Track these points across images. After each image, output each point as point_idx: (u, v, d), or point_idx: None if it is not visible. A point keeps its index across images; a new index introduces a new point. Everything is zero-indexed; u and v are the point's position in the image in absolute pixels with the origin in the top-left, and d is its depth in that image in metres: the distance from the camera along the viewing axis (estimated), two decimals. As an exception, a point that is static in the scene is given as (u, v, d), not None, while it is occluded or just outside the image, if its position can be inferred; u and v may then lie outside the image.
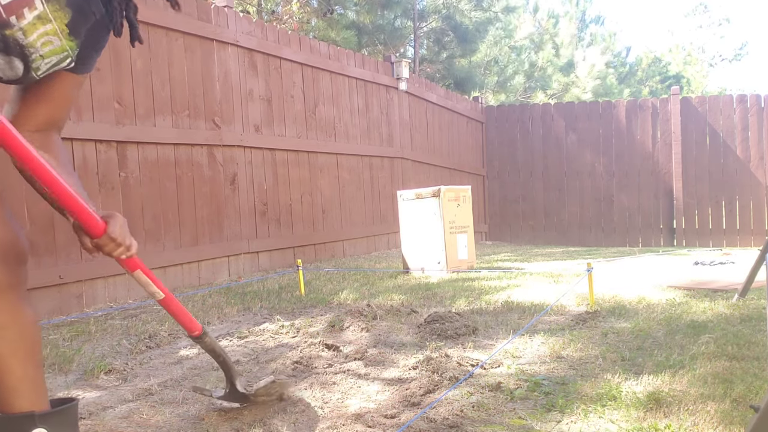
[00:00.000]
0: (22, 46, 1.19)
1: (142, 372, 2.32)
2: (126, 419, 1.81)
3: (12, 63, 1.21)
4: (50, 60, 1.25)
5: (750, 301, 3.20)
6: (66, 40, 1.24)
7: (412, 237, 4.97)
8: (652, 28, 63.05)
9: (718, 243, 8.77)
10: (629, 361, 2.23)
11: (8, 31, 1.16)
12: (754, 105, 8.72)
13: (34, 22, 1.18)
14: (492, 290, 3.82)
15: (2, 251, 1.21)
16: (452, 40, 11.42)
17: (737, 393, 1.82)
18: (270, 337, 2.78)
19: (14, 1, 1.14)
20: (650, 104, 9.21)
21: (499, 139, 9.81)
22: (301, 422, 1.76)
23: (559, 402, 1.82)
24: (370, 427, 1.69)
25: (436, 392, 1.95)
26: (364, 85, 6.65)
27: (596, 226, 9.37)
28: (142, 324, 3.05)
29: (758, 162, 8.69)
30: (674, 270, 4.81)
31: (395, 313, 3.14)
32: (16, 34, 1.18)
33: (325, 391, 1.99)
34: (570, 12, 19.79)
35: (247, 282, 4.39)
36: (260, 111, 5.08)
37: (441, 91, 8.80)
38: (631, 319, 2.89)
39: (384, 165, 7.01)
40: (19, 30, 1.17)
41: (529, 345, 2.51)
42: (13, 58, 1.20)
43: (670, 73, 23.79)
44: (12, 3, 1.14)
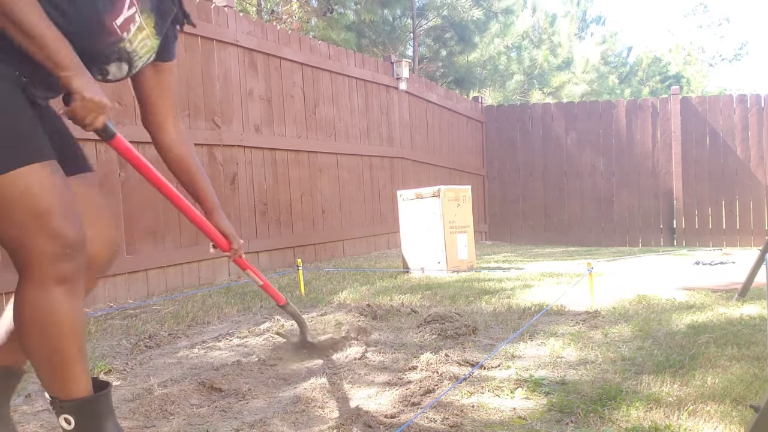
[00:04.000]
0: (129, 53, 1.44)
1: (142, 372, 2.32)
2: (126, 419, 1.81)
3: (121, 67, 1.45)
4: (144, 58, 1.49)
5: (750, 301, 3.20)
6: (154, 39, 1.49)
7: (412, 237, 4.97)
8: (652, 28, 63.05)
9: (718, 243, 8.77)
10: (629, 361, 2.23)
11: (121, 44, 1.40)
12: (754, 105, 8.72)
13: (136, 32, 1.42)
14: (492, 290, 3.82)
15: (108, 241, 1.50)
16: (452, 37, 11.42)
17: (737, 393, 1.82)
18: (270, 337, 2.78)
19: (125, 21, 1.38)
20: (650, 104, 9.21)
21: (499, 139, 9.81)
22: (301, 422, 1.76)
23: (559, 402, 1.82)
24: (370, 427, 1.69)
25: (436, 392, 1.95)
26: (364, 84, 6.65)
27: (596, 226, 9.37)
28: (142, 324, 3.05)
29: (758, 162, 8.69)
30: (674, 270, 4.81)
31: (395, 313, 3.14)
32: (125, 46, 1.42)
33: (325, 390, 1.99)
34: (571, 12, 19.80)
35: (247, 281, 4.39)
36: (260, 111, 5.08)
37: (441, 90, 8.80)
38: (631, 319, 2.89)
39: (384, 165, 7.01)
40: (128, 41, 1.41)
41: (529, 345, 2.51)
42: (122, 63, 1.45)
43: (670, 73, 23.78)
44: (123, 23, 1.38)
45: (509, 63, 13.54)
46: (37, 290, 1.28)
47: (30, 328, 1.31)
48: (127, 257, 3.78)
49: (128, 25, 1.39)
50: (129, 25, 1.39)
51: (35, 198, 1.23)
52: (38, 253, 1.25)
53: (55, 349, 1.32)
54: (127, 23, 1.39)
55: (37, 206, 1.24)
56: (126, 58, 1.44)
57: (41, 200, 1.24)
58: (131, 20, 1.39)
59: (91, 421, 1.38)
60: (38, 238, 1.24)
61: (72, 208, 1.30)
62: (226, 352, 2.56)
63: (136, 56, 1.46)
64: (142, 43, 1.45)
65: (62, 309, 1.29)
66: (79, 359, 1.36)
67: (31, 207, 1.23)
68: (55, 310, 1.29)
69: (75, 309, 1.33)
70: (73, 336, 1.33)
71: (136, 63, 1.47)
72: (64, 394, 1.35)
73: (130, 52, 1.43)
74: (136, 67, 1.49)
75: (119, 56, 1.43)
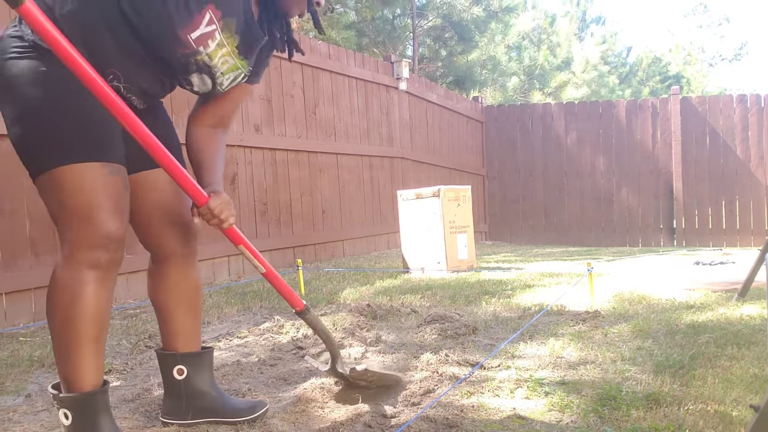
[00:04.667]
0: (209, 67, 1.54)
1: (142, 372, 2.32)
2: (126, 419, 1.81)
3: (204, 79, 1.56)
4: (229, 76, 1.59)
5: (750, 301, 3.20)
6: (237, 59, 1.57)
7: (412, 237, 4.97)
8: (652, 28, 63.06)
9: (718, 243, 8.77)
10: (629, 361, 2.23)
11: (199, 57, 1.50)
12: (754, 105, 8.72)
13: (216, 48, 1.51)
14: (492, 290, 3.82)
15: (179, 230, 1.66)
16: (452, 36, 11.41)
17: (737, 393, 1.82)
18: (270, 337, 2.78)
19: (201, 35, 1.47)
20: (650, 104, 9.21)
21: (499, 139, 9.81)
22: (301, 422, 1.76)
23: (559, 402, 1.82)
24: (370, 427, 1.69)
25: (436, 392, 1.95)
26: (364, 84, 6.64)
27: (596, 226, 9.37)
28: (142, 324, 3.05)
29: (758, 162, 8.69)
30: (674, 270, 4.81)
31: (395, 313, 3.14)
32: (204, 59, 1.51)
33: (325, 390, 1.99)
34: (571, 12, 19.80)
35: (247, 282, 4.39)
36: (260, 111, 5.08)
37: (441, 90, 8.80)
38: (631, 319, 2.89)
39: (384, 165, 7.01)
40: (207, 55, 1.51)
41: (529, 345, 2.51)
42: (204, 75, 1.55)
43: (670, 73, 23.78)
44: (200, 37, 1.46)
45: (509, 63, 13.54)
46: (69, 268, 1.41)
47: (55, 303, 1.43)
48: (127, 257, 3.77)
49: (206, 41, 1.48)
50: (207, 40, 1.48)
51: (88, 192, 1.40)
52: (79, 237, 1.40)
53: (73, 328, 1.41)
54: (205, 38, 1.47)
55: (88, 199, 1.40)
56: (207, 72, 1.54)
57: (93, 195, 1.40)
58: (210, 36, 1.48)
59: (88, 418, 1.44)
60: (83, 225, 1.40)
61: (120, 209, 1.45)
62: (226, 352, 2.56)
63: (217, 71, 1.55)
64: (223, 59, 1.54)
65: (88, 292, 1.41)
66: (93, 348, 1.44)
67: (83, 199, 1.39)
68: (82, 290, 1.41)
69: (101, 296, 1.44)
70: (93, 321, 1.43)
71: (218, 78, 1.57)
72: (68, 381, 1.43)
73: (210, 66, 1.53)
74: (221, 84, 1.59)
75: (199, 68, 1.53)
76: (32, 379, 2.22)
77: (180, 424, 1.72)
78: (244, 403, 1.79)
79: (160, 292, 1.70)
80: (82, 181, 1.39)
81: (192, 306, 1.73)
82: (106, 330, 1.49)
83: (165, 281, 1.69)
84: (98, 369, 1.47)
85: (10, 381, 2.19)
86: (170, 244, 1.66)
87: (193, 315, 1.74)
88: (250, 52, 1.61)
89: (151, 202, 1.64)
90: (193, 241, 1.71)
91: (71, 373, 1.44)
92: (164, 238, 1.66)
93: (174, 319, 1.71)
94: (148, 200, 1.64)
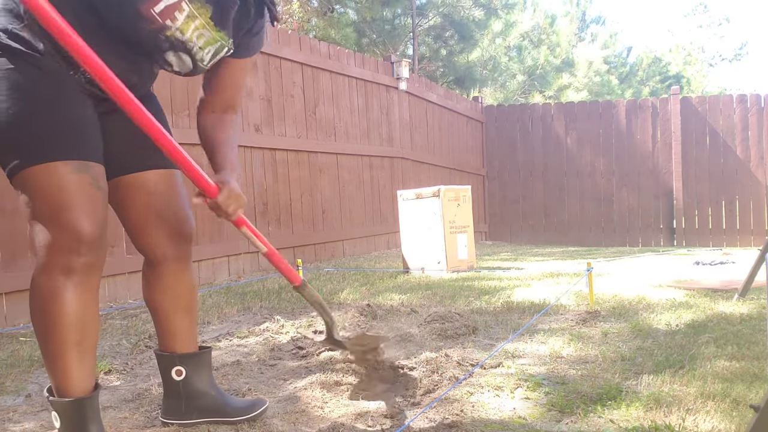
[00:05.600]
0: (183, 42, 1.44)
1: (142, 372, 2.32)
2: (126, 419, 1.81)
3: (181, 57, 1.47)
4: (209, 50, 1.50)
5: (750, 301, 3.20)
6: (213, 31, 1.47)
7: (412, 237, 4.97)
8: (652, 28, 63.06)
9: (718, 243, 8.77)
10: (629, 361, 2.23)
11: (168, 32, 1.41)
12: (754, 105, 8.72)
13: (186, 21, 1.41)
14: (492, 290, 3.82)
15: (172, 233, 1.61)
16: (452, 35, 11.41)
17: (737, 393, 1.82)
18: (270, 337, 2.78)
19: (166, 8, 1.37)
20: (650, 104, 9.21)
21: (499, 139, 9.81)
22: (301, 422, 1.76)
23: (559, 402, 1.82)
24: (370, 426, 1.69)
25: (436, 392, 1.95)
26: (364, 84, 6.65)
27: (596, 226, 9.37)
28: (142, 324, 3.05)
29: (758, 162, 8.69)
30: (674, 270, 4.81)
31: (395, 313, 3.13)
32: (175, 34, 1.42)
33: (325, 390, 1.99)
34: (570, 12, 19.80)
35: (247, 282, 4.39)
36: (260, 110, 5.08)
37: (441, 90, 8.80)
38: (631, 319, 2.89)
39: (384, 165, 7.01)
40: (177, 30, 1.41)
41: (529, 345, 2.51)
42: (180, 53, 1.46)
43: (671, 73, 23.78)
44: (164, 10, 1.37)
45: (510, 63, 13.54)
46: (42, 274, 1.38)
47: (32, 309, 1.41)
48: (127, 257, 3.78)
49: (172, 13, 1.38)
50: (173, 12, 1.38)
51: (52, 193, 1.35)
52: (48, 241, 1.35)
53: (51, 335, 1.39)
54: (170, 11, 1.38)
55: (53, 201, 1.35)
56: (182, 48, 1.45)
57: (57, 196, 1.35)
58: (176, 8, 1.39)
59: (76, 423, 1.43)
60: (51, 229, 1.35)
61: (90, 209, 1.38)
62: (226, 352, 2.56)
63: (193, 46, 1.46)
64: (198, 33, 1.45)
65: (64, 298, 1.37)
66: (77, 354, 1.41)
67: (48, 201, 1.35)
68: (56, 297, 1.37)
69: (81, 301, 1.40)
70: (73, 326, 1.39)
71: (197, 54, 1.48)
72: (57, 386, 1.43)
73: (184, 41, 1.44)
74: (202, 60, 1.50)
75: (172, 45, 1.44)
76: (32, 379, 2.22)
77: (180, 424, 1.72)
78: (243, 402, 1.79)
79: (156, 294, 1.68)
80: (45, 182, 1.35)
81: (188, 307, 1.72)
82: (93, 335, 1.45)
83: (159, 284, 1.67)
84: (86, 375, 1.44)
85: (10, 381, 2.19)
86: (163, 248, 1.62)
87: (190, 316, 1.73)
88: (226, 21, 1.51)
89: (142, 205, 1.60)
90: (186, 244, 1.66)
91: (59, 379, 1.42)
92: (157, 241, 1.62)
93: (170, 321, 1.70)
94: (140, 202, 1.60)
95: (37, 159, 1.35)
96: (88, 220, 1.37)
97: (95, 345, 1.48)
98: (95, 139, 1.45)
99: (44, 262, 1.37)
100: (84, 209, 1.37)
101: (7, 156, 1.37)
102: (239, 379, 2.18)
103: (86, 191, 1.38)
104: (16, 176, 1.37)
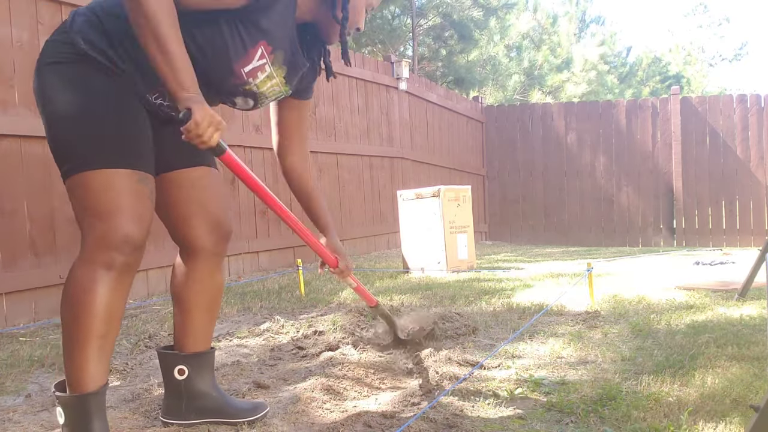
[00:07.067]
0: (256, 94, 1.64)
1: (142, 372, 2.32)
2: (126, 419, 1.81)
3: (247, 101, 1.66)
4: (273, 98, 1.71)
5: (750, 301, 3.20)
6: (283, 87, 1.68)
7: (412, 237, 4.97)
8: (652, 28, 63.08)
9: (718, 243, 8.77)
10: (629, 361, 2.23)
11: (247, 87, 1.60)
12: (754, 105, 8.72)
13: (264, 80, 1.60)
14: (492, 290, 3.82)
15: (213, 227, 1.70)
16: (452, 35, 11.40)
17: (737, 393, 1.82)
18: (270, 337, 2.78)
19: (253, 69, 1.56)
20: (650, 104, 9.21)
21: (499, 139, 9.81)
22: (301, 422, 1.76)
23: (559, 402, 1.82)
24: (370, 427, 1.69)
25: (436, 392, 1.95)
26: (364, 84, 6.65)
27: (596, 226, 9.37)
28: (142, 324, 3.05)
29: (758, 162, 8.69)
30: (674, 270, 4.81)
31: (395, 314, 3.13)
32: (252, 89, 1.61)
33: (325, 390, 1.99)
34: (570, 12, 19.80)
35: (247, 282, 4.39)
36: (260, 111, 5.08)
37: (441, 90, 8.80)
38: (631, 319, 2.89)
39: (384, 165, 7.01)
40: (255, 85, 1.60)
41: (529, 345, 2.51)
42: (248, 99, 1.65)
43: (670, 73, 23.78)
44: (251, 70, 1.56)
45: (509, 63, 13.54)
46: (84, 266, 1.45)
47: (67, 298, 1.47)
48: (127, 257, 3.78)
49: (256, 73, 1.57)
50: (257, 73, 1.57)
51: (113, 195, 1.45)
52: (97, 237, 1.44)
53: (79, 325, 1.44)
54: (255, 71, 1.57)
55: (112, 202, 1.45)
56: (252, 97, 1.64)
57: (117, 199, 1.45)
58: (260, 69, 1.57)
59: (81, 420, 1.46)
60: (103, 226, 1.44)
61: (141, 215, 1.49)
62: (226, 352, 2.56)
63: (263, 97, 1.66)
64: (271, 89, 1.65)
65: (100, 291, 1.44)
66: (97, 347, 1.46)
67: (107, 201, 1.45)
68: (93, 289, 1.44)
69: (113, 297, 1.46)
70: (102, 319, 1.45)
71: (264, 101, 1.68)
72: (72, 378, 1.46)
73: (257, 93, 1.63)
74: (261, 103, 1.68)
75: (245, 94, 1.63)
76: (32, 379, 2.22)
77: (180, 424, 1.72)
78: (244, 403, 1.79)
79: (184, 286, 1.72)
80: (109, 185, 1.45)
81: (211, 305, 1.76)
82: (115, 332, 1.50)
83: (192, 275, 1.71)
84: (102, 370, 1.48)
85: (10, 381, 2.19)
86: (203, 239, 1.69)
87: (210, 315, 1.77)
88: (294, 79, 1.70)
89: (190, 198, 1.69)
90: (223, 242, 1.73)
91: (76, 370, 1.45)
92: (198, 232, 1.69)
93: (191, 316, 1.73)
94: (185, 195, 1.68)
95: (107, 164, 1.45)
96: (137, 224, 1.47)
97: (114, 343, 1.53)
98: (151, 151, 1.57)
99: (88, 255, 1.45)
100: (136, 216, 1.47)
101: (75, 154, 1.46)
102: (239, 379, 2.18)
103: (142, 201, 1.49)
104: (81, 174, 1.45)
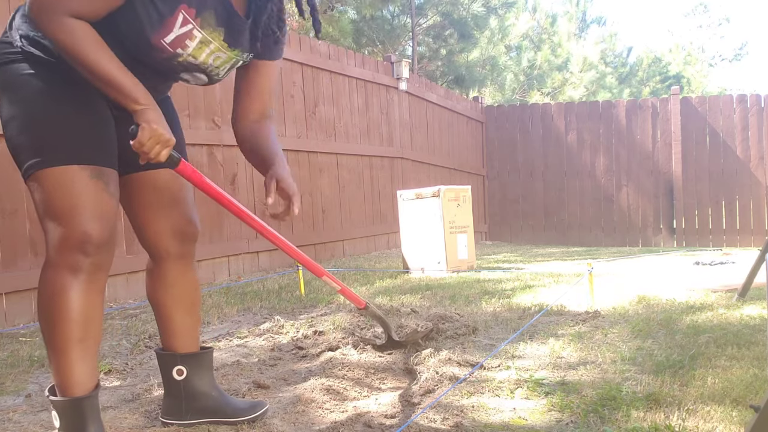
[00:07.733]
0: (197, 65, 1.52)
1: (142, 372, 2.32)
2: (126, 419, 1.81)
3: (196, 76, 1.57)
4: (224, 67, 1.58)
5: (750, 301, 3.20)
6: (228, 51, 1.54)
7: (412, 237, 4.97)
8: (652, 28, 63.08)
9: (718, 243, 8.77)
10: (629, 361, 2.23)
11: (180, 59, 1.48)
12: (754, 105, 8.72)
13: (198, 47, 1.48)
14: (492, 290, 3.82)
15: (176, 231, 1.67)
16: (451, 34, 11.39)
17: (737, 393, 1.82)
18: (270, 337, 2.78)
19: (176, 38, 1.44)
20: (650, 104, 9.20)
21: (499, 139, 9.80)
22: (301, 422, 1.76)
23: (559, 402, 1.82)
24: (370, 427, 1.69)
25: (436, 392, 1.95)
26: (364, 84, 6.64)
27: (596, 226, 9.37)
28: (142, 324, 3.05)
29: (758, 162, 8.69)
30: (674, 270, 4.81)
31: (395, 313, 3.13)
32: (188, 59, 1.49)
33: (326, 391, 1.99)
34: (570, 12, 19.79)
35: (247, 282, 4.40)
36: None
37: (441, 90, 8.80)
38: (631, 319, 2.89)
39: (384, 165, 7.01)
40: (189, 56, 1.48)
41: (529, 345, 2.51)
42: (194, 73, 1.55)
43: (671, 73, 23.76)
44: (175, 40, 1.44)
45: (509, 63, 13.54)
46: (50, 270, 1.43)
47: (40, 304, 1.45)
48: (127, 257, 3.78)
49: (183, 42, 1.45)
50: (184, 41, 1.45)
51: (67, 195, 1.41)
52: (58, 239, 1.41)
53: (55, 331, 1.43)
54: (181, 40, 1.45)
55: (67, 202, 1.41)
56: (195, 69, 1.53)
57: (71, 198, 1.41)
58: (188, 36, 1.45)
59: (76, 423, 1.45)
60: (62, 228, 1.41)
61: (101, 212, 1.44)
62: (226, 352, 2.56)
63: (209, 67, 1.54)
64: (214, 55, 1.52)
65: (69, 295, 1.41)
66: (78, 351, 1.44)
67: (62, 201, 1.41)
68: (61, 293, 1.41)
69: (86, 300, 1.44)
70: (76, 325, 1.42)
71: (213, 71, 1.56)
72: (59, 384, 1.45)
73: (197, 64, 1.51)
74: (218, 74, 1.58)
75: (186, 68, 1.53)
76: (32, 379, 2.22)
77: (180, 425, 1.72)
78: (244, 403, 1.79)
79: (158, 291, 1.71)
80: (61, 183, 1.41)
81: (190, 306, 1.75)
82: (96, 334, 1.48)
83: (163, 281, 1.70)
84: (88, 373, 1.46)
85: (10, 381, 2.19)
86: (166, 244, 1.67)
87: (192, 315, 1.76)
88: (240, 40, 1.55)
89: (150, 200, 1.65)
90: (189, 244, 1.72)
91: (61, 376, 1.44)
92: (161, 237, 1.67)
93: (172, 319, 1.72)
94: (148, 198, 1.65)
95: (55, 161, 1.41)
96: (97, 223, 1.43)
97: (98, 344, 1.51)
98: (111, 143, 1.51)
99: (53, 258, 1.42)
100: (95, 213, 1.43)
101: (27, 155, 1.43)
102: (239, 379, 2.18)
103: (99, 196, 1.44)
104: (33, 175, 1.43)
